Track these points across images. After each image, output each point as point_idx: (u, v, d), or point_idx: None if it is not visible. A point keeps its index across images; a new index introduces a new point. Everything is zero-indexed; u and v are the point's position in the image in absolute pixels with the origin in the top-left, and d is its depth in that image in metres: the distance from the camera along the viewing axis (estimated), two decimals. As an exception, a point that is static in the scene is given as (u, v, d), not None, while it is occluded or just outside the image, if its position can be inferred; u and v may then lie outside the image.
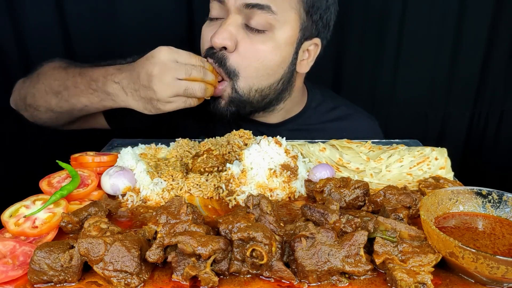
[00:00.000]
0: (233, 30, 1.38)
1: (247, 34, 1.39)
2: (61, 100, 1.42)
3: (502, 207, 0.98)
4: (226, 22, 1.38)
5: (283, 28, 1.40)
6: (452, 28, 2.23)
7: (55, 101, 1.43)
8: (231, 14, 1.38)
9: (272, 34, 1.40)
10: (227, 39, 1.37)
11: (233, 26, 1.38)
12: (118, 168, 1.20)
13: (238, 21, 1.38)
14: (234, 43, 1.38)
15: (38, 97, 1.47)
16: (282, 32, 1.41)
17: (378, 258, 0.86)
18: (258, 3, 1.34)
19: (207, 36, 1.44)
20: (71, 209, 1.04)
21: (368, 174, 1.30)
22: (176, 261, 0.85)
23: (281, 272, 0.85)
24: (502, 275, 0.78)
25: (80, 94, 1.37)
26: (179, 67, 1.25)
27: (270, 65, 1.44)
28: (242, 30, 1.39)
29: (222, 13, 1.42)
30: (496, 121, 2.47)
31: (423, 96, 2.40)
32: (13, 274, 0.85)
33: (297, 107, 1.69)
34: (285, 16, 1.39)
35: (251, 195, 0.99)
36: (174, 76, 1.25)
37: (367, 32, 2.23)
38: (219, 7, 1.41)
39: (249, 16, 1.37)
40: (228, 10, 1.38)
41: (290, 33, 1.43)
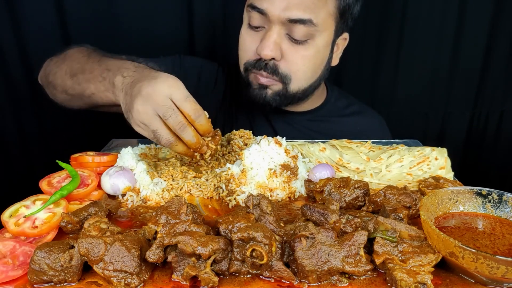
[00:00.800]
0: (278, 41, 1.46)
1: (291, 43, 1.48)
2: (75, 83, 1.42)
3: (502, 207, 0.98)
4: (271, 34, 1.45)
5: (322, 35, 1.50)
6: (452, 28, 2.23)
7: (70, 83, 1.44)
8: (274, 26, 1.44)
9: (313, 42, 1.49)
10: (274, 50, 1.45)
11: (277, 37, 1.46)
12: (118, 168, 1.20)
13: (281, 32, 1.46)
14: (280, 53, 1.48)
15: (58, 76, 1.48)
16: (321, 39, 1.50)
17: (378, 258, 0.86)
18: (301, 18, 1.41)
19: (250, 45, 1.52)
20: (71, 209, 1.04)
21: (368, 174, 1.30)
22: (176, 261, 0.85)
23: (281, 272, 0.85)
24: (502, 275, 0.78)
25: (92, 80, 1.36)
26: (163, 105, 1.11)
27: (314, 67, 1.56)
28: (286, 41, 1.47)
29: (263, 22, 1.48)
30: (496, 121, 2.47)
31: (423, 96, 2.40)
32: (13, 274, 0.85)
33: (318, 99, 1.78)
34: (325, 25, 1.48)
35: (251, 195, 0.99)
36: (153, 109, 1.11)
37: (367, 32, 2.23)
38: (260, 17, 1.47)
39: (291, 28, 1.44)
40: (270, 21, 1.44)
41: (328, 38, 1.53)
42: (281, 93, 1.55)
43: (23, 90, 2.08)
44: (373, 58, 2.30)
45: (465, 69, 2.33)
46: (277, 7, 1.41)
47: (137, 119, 1.13)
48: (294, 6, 1.41)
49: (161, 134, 1.12)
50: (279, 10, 1.41)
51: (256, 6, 1.45)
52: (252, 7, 1.46)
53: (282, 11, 1.41)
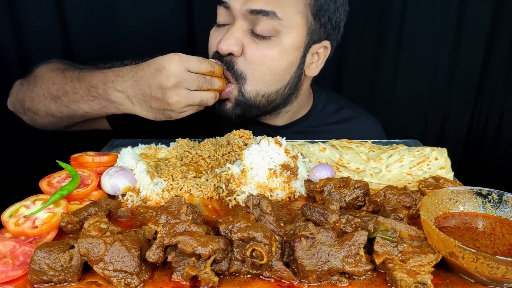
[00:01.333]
0: (239, 36, 1.39)
1: (253, 40, 1.40)
2: (61, 106, 1.40)
3: (502, 207, 0.98)
4: (232, 28, 1.40)
5: (289, 33, 1.40)
6: (452, 28, 2.23)
7: (55, 106, 1.41)
8: (237, 20, 1.39)
9: (279, 40, 1.40)
10: (233, 44, 1.38)
11: (239, 32, 1.39)
12: (118, 168, 1.20)
13: (244, 27, 1.40)
14: (240, 49, 1.40)
15: (37, 101, 1.44)
16: (288, 37, 1.41)
17: (378, 258, 0.86)
18: (262, 9, 1.34)
19: (214, 41, 1.46)
20: (71, 209, 1.04)
21: (368, 174, 1.30)
22: (176, 261, 0.85)
23: (281, 272, 0.85)
24: (502, 275, 0.78)
25: (80, 100, 1.35)
26: (191, 80, 1.27)
27: (277, 70, 1.44)
28: (248, 36, 1.40)
29: (229, 19, 1.43)
30: (496, 121, 2.47)
31: (423, 96, 2.40)
32: (13, 274, 0.85)
33: (303, 109, 1.69)
34: (291, 21, 1.39)
35: (251, 195, 0.99)
36: (186, 89, 1.27)
37: (367, 32, 2.23)
38: (226, 13, 1.43)
39: (254, 22, 1.38)
40: (234, 16, 1.40)
41: (296, 38, 1.42)
42: (239, 101, 1.45)
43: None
44: (372, 58, 2.30)
45: (465, 69, 2.33)
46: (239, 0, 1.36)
47: (180, 107, 1.28)
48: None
49: (207, 98, 1.33)
50: (241, 2, 1.36)
51: (222, 0, 1.41)
52: (219, 2, 1.43)
53: (244, 3, 1.36)
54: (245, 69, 1.42)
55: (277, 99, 1.51)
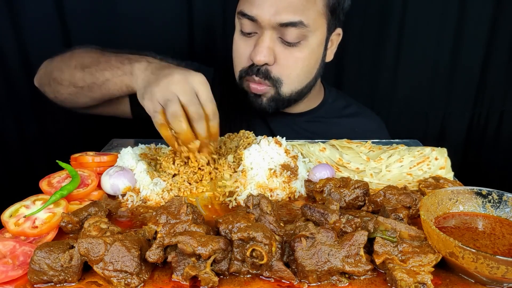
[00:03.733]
0: (271, 46, 1.46)
1: (284, 47, 1.47)
2: (86, 74, 1.43)
3: (502, 207, 0.98)
4: (263, 39, 1.45)
5: (315, 34, 1.49)
6: (452, 28, 2.23)
7: (80, 74, 1.45)
8: (266, 31, 1.44)
9: (306, 43, 1.48)
10: (268, 55, 1.45)
11: (270, 42, 1.45)
12: (118, 168, 1.20)
13: (274, 36, 1.45)
14: (273, 57, 1.47)
15: (66, 71, 1.49)
16: (314, 38, 1.49)
17: (378, 258, 0.86)
18: (291, 21, 1.41)
19: (244, 51, 1.52)
20: (71, 209, 1.04)
21: (368, 174, 1.30)
22: (176, 261, 0.85)
23: (281, 272, 0.85)
24: (502, 275, 0.78)
25: (108, 68, 1.39)
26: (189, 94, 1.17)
27: (309, 69, 1.55)
28: (278, 44, 1.47)
29: (255, 28, 1.47)
30: (496, 121, 2.47)
31: (423, 96, 2.40)
32: (13, 274, 0.85)
33: (315, 99, 1.77)
34: (316, 24, 1.47)
35: (251, 195, 0.99)
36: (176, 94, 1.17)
37: (367, 32, 2.23)
38: (251, 24, 1.46)
39: (283, 31, 1.43)
40: (262, 27, 1.44)
41: (321, 36, 1.52)
42: (274, 98, 1.55)
43: (23, 90, 2.08)
44: (373, 58, 2.30)
45: (465, 69, 2.33)
46: (266, 13, 1.41)
47: (155, 94, 1.18)
48: (283, 10, 1.40)
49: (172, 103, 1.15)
50: (269, 16, 1.40)
51: (246, 13, 1.45)
52: (242, 14, 1.46)
53: (272, 16, 1.40)
54: (281, 75, 1.51)
55: (305, 91, 1.62)
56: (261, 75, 1.49)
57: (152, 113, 1.20)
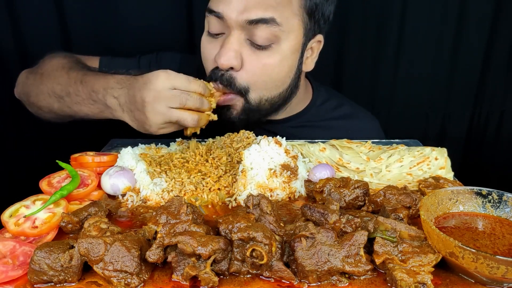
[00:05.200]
0: (237, 48, 1.33)
1: (253, 51, 1.35)
2: (64, 106, 1.40)
3: (502, 207, 0.98)
4: (229, 40, 1.32)
5: (288, 38, 1.36)
6: (452, 28, 2.23)
7: (58, 105, 1.41)
8: (233, 31, 1.32)
9: (278, 46, 1.35)
10: (233, 58, 1.32)
11: (236, 44, 1.33)
12: (118, 168, 1.20)
13: (241, 37, 1.33)
14: (240, 61, 1.34)
15: (41, 98, 1.45)
16: (287, 42, 1.36)
17: (378, 258, 0.86)
18: (262, 18, 1.28)
19: (209, 53, 1.40)
20: (71, 209, 1.04)
21: (368, 174, 1.30)
22: (176, 261, 0.85)
23: (281, 272, 0.85)
24: (502, 275, 0.78)
25: (82, 103, 1.34)
26: (174, 96, 1.17)
27: (279, 77, 1.42)
28: (246, 46, 1.35)
29: (222, 28, 1.35)
30: (496, 121, 2.47)
31: (423, 96, 2.40)
32: (13, 274, 0.85)
33: (301, 103, 1.66)
34: (289, 25, 1.35)
35: (251, 195, 0.99)
36: (167, 105, 1.18)
37: (367, 32, 2.23)
38: (218, 23, 1.34)
39: (252, 31, 1.31)
40: (229, 26, 1.32)
41: (295, 41, 1.39)
42: (244, 108, 1.42)
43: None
44: (372, 58, 2.30)
45: (465, 69, 2.33)
46: (234, 9, 1.28)
47: (158, 123, 1.21)
48: (253, 6, 1.28)
49: (185, 118, 1.21)
50: (237, 12, 1.28)
51: (213, 10, 1.33)
52: (210, 11, 1.34)
53: (240, 13, 1.28)
54: (247, 82, 1.38)
55: (280, 101, 1.50)
56: (225, 82, 1.36)
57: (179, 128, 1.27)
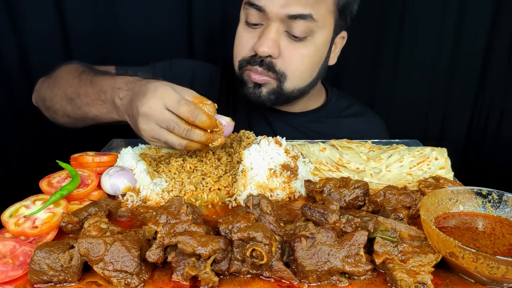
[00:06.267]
0: (277, 38, 1.43)
1: (290, 41, 1.44)
2: (75, 108, 1.43)
3: (502, 207, 0.98)
4: (269, 30, 1.42)
5: (322, 31, 1.46)
6: (452, 28, 2.23)
7: (70, 108, 1.45)
8: (272, 23, 1.41)
9: (312, 39, 1.46)
10: (272, 47, 1.42)
11: (276, 34, 1.42)
12: (118, 168, 1.20)
13: (280, 29, 1.43)
14: (278, 50, 1.44)
15: (55, 101, 1.49)
16: (321, 35, 1.47)
17: (378, 258, 0.86)
18: (301, 14, 1.38)
19: (247, 42, 1.49)
20: (71, 209, 1.04)
21: (368, 174, 1.30)
22: (176, 261, 0.85)
23: (281, 272, 0.85)
24: (502, 275, 0.78)
25: (91, 103, 1.37)
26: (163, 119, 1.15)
27: (313, 67, 1.53)
28: (284, 38, 1.44)
29: (261, 19, 1.44)
30: (496, 121, 2.47)
31: (423, 96, 2.40)
32: (13, 274, 0.85)
33: (314, 99, 1.75)
34: (324, 21, 1.45)
35: (251, 195, 0.99)
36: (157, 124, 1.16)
37: (367, 32, 2.23)
38: (258, 14, 1.43)
39: (290, 24, 1.41)
40: (269, 18, 1.41)
41: (327, 35, 1.50)
42: (275, 91, 1.52)
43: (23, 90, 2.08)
44: (372, 58, 2.30)
45: (465, 69, 2.33)
46: (275, 4, 1.38)
47: (147, 136, 1.20)
48: (293, 2, 1.37)
49: (172, 142, 1.18)
50: (278, 7, 1.38)
51: (254, 3, 1.41)
52: (250, 4, 1.43)
53: (281, 8, 1.38)
54: (285, 69, 1.47)
55: (307, 90, 1.60)
56: (265, 66, 1.46)
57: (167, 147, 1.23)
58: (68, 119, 1.51)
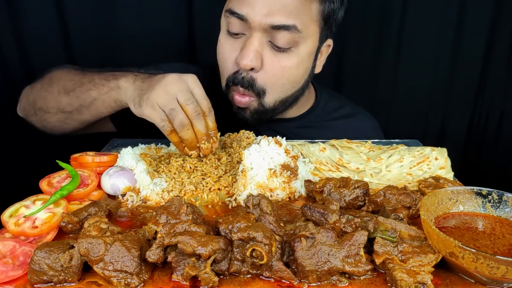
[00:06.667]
0: (259, 49, 1.37)
1: (273, 52, 1.39)
2: (72, 98, 1.42)
3: (502, 207, 0.98)
4: (251, 42, 1.36)
5: (306, 42, 1.41)
6: (452, 28, 2.23)
7: (66, 99, 1.43)
8: (255, 33, 1.36)
9: (297, 50, 1.41)
10: (254, 59, 1.36)
11: (258, 45, 1.37)
12: (118, 168, 1.20)
13: (262, 39, 1.37)
14: (260, 62, 1.39)
15: (50, 98, 1.47)
16: (305, 46, 1.42)
17: (378, 258, 0.86)
18: (284, 24, 1.33)
19: (229, 55, 1.43)
20: (71, 209, 1.04)
21: (368, 174, 1.30)
22: (176, 261, 0.85)
23: (281, 272, 0.85)
24: (502, 275, 0.78)
25: (93, 87, 1.37)
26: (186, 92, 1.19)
27: (295, 79, 1.48)
28: (267, 48, 1.39)
29: (243, 29, 1.39)
30: (496, 121, 2.47)
31: (423, 96, 2.40)
32: (13, 274, 0.85)
33: (305, 104, 1.72)
34: (308, 31, 1.40)
35: (251, 195, 0.99)
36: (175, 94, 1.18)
37: (367, 32, 2.23)
38: (240, 23, 1.37)
39: (273, 35, 1.36)
40: (251, 28, 1.36)
41: (312, 45, 1.45)
42: (258, 110, 1.49)
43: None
44: (373, 58, 2.30)
45: (465, 69, 2.33)
46: (258, 13, 1.32)
47: (154, 100, 1.19)
48: (276, 12, 1.31)
49: (178, 113, 1.18)
50: (261, 16, 1.32)
51: (235, 12, 1.35)
52: (231, 12, 1.37)
53: (264, 17, 1.32)
54: (265, 83, 1.43)
55: (291, 100, 1.56)
56: (246, 84, 1.41)
57: (158, 122, 1.21)
58: (61, 116, 1.48)
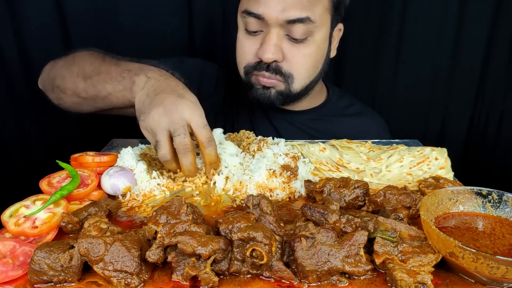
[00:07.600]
0: (278, 43, 1.47)
1: (291, 43, 1.48)
2: (89, 85, 1.42)
3: (502, 207, 0.98)
4: (270, 37, 1.45)
5: (320, 30, 1.51)
6: (452, 28, 2.23)
7: (83, 85, 1.43)
8: (272, 28, 1.45)
9: (313, 39, 1.50)
10: (276, 53, 1.46)
11: (277, 40, 1.46)
12: (118, 168, 1.20)
13: (280, 33, 1.46)
14: (281, 55, 1.48)
15: (68, 79, 1.47)
16: (320, 34, 1.51)
17: (378, 258, 0.86)
18: (299, 18, 1.42)
19: (249, 49, 1.53)
20: (71, 209, 1.04)
21: (368, 174, 1.30)
22: (176, 261, 0.85)
23: (281, 272, 0.85)
24: (502, 275, 0.78)
25: (109, 80, 1.36)
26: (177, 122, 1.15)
27: (316, 63, 1.58)
28: (286, 41, 1.48)
29: (261, 26, 1.48)
30: (496, 121, 2.47)
31: (423, 96, 2.40)
32: (13, 274, 0.85)
33: (316, 97, 1.78)
34: (321, 20, 1.49)
35: (251, 195, 0.99)
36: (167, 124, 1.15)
37: (367, 32, 2.23)
38: (257, 22, 1.47)
39: (289, 28, 1.44)
40: (268, 25, 1.45)
41: (326, 32, 1.55)
42: (284, 93, 1.56)
43: (23, 90, 2.08)
44: (373, 58, 2.30)
45: (465, 69, 2.33)
46: (273, 10, 1.41)
47: (149, 125, 1.18)
48: (291, 7, 1.41)
49: (162, 146, 1.17)
50: (276, 13, 1.41)
51: (252, 12, 1.45)
52: (248, 13, 1.46)
53: (280, 13, 1.41)
54: (291, 70, 1.52)
55: (313, 85, 1.64)
56: (272, 71, 1.50)
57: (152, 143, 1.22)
58: (76, 99, 1.48)
